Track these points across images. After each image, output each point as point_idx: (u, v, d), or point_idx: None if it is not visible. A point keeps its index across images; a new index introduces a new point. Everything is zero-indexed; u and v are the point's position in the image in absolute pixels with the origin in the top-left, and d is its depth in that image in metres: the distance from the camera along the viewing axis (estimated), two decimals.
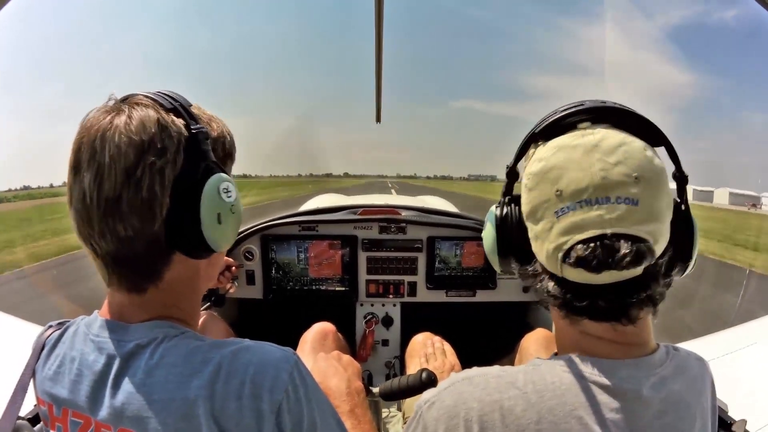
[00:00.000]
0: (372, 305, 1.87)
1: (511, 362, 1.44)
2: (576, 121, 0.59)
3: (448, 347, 1.39)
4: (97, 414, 0.57)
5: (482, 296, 1.84)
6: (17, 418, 0.65)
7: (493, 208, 0.68)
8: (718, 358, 1.36)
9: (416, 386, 0.99)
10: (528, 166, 0.62)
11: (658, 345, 0.62)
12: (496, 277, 1.82)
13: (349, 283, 1.82)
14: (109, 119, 0.56)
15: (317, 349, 1.29)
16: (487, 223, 0.69)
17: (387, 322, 1.86)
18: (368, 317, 1.85)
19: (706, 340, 1.66)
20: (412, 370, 1.12)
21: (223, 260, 0.80)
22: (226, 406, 0.55)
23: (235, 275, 1.65)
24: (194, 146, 0.59)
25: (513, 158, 0.66)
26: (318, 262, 1.80)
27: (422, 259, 1.81)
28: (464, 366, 1.27)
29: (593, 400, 0.55)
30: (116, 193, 0.54)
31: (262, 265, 1.78)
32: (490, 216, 0.68)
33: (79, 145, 0.56)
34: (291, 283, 1.81)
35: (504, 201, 0.67)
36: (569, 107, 0.61)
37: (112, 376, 0.57)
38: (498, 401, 0.57)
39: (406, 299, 1.85)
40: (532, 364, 0.61)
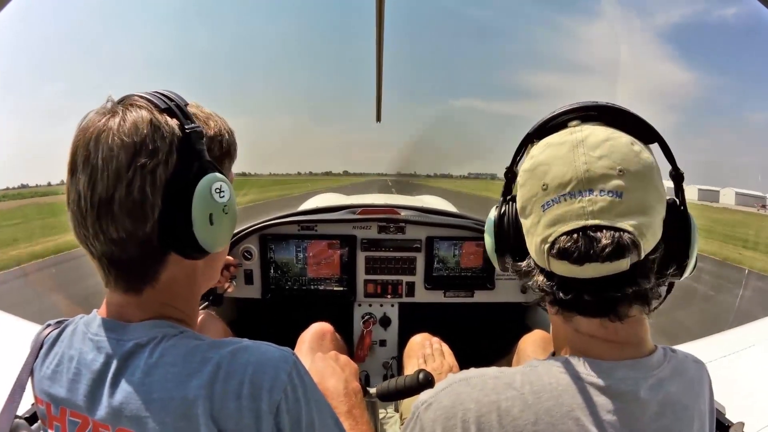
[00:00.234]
0: (370, 305, 1.87)
1: (508, 363, 1.44)
2: (566, 120, 0.61)
3: (446, 348, 1.39)
4: (95, 413, 0.57)
5: (480, 297, 1.84)
6: (14, 417, 0.65)
7: (494, 208, 0.70)
8: (716, 360, 1.37)
9: (413, 387, 0.99)
10: (521, 165, 0.65)
11: (656, 347, 0.62)
12: (495, 278, 1.82)
13: (348, 283, 1.82)
14: (104, 121, 0.56)
15: (315, 349, 1.29)
16: (487, 222, 0.70)
17: (385, 322, 1.86)
18: (366, 317, 1.84)
19: (704, 342, 1.66)
20: (410, 371, 1.12)
21: (223, 260, 0.80)
22: (225, 405, 0.55)
23: (234, 275, 1.65)
24: (188, 146, 0.59)
25: (511, 159, 0.68)
26: (316, 262, 1.80)
27: (421, 259, 1.81)
28: (462, 367, 1.27)
29: (590, 401, 0.55)
30: (108, 195, 0.55)
31: (260, 264, 1.78)
32: (490, 215, 0.70)
33: (75, 147, 0.57)
34: (289, 283, 1.81)
35: (503, 200, 0.69)
36: (562, 108, 0.63)
37: (110, 375, 0.57)
38: (495, 402, 0.57)
39: (404, 299, 1.85)
40: (530, 365, 0.61)
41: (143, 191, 0.55)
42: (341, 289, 1.82)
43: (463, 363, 1.23)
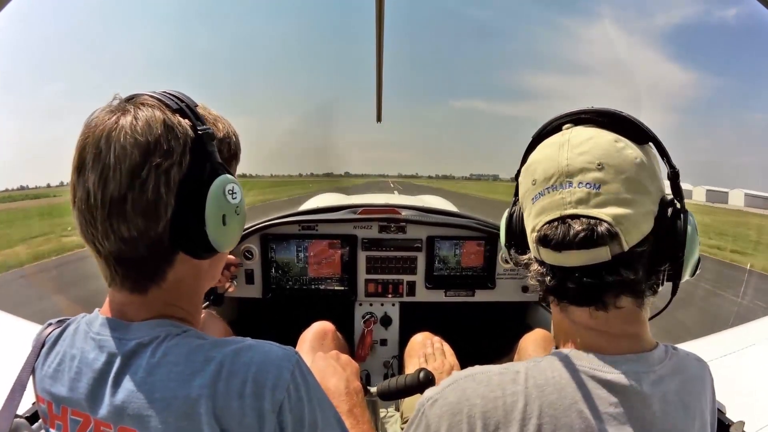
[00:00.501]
0: (371, 305, 1.87)
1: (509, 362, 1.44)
2: (561, 124, 0.66)
3: (447, 348, 1.40)
4: (96, 412, 0.57)
5: (481, 296, 1.84)
6: (15, 416, 0.65)
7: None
8: (717, 359, 1.37)
9: (414, 386, 0.99)
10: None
11: (658, 343, 0.63)
12: (495, 277, 1.82)
13: (348, 282, 1.82)
14: (115, 119, 0.56)
15: (316, 348, 1.29)
16: (502, 219, 0.77)
17: (386, 321, 1.86)
18: (367, 317, 1.84)
19: (705, 341, 1.66)
20: (411, 370, 1.12)
21: (226, 259, 0.80)
22: (227, 405, 0.55)
23: (235, 274, 1.65)
24: (200, 147, 0.59)
25: (520, 162, 0.73)
26: (317, 262, 1.80)
27: (421, 258, 1.81)
28: (463, 366, 1.27)
29: (594, 394, 0.56)
30: (121, 194, 0.54)
31: (261, 264, 1.78)
32: (505, 213, 0.77)
33: (83, 144, 0.56)
34: (290, 283, 1.81)
35: (514, 200, 0.74)
36: (561, 114, 0.68)
37: (112, 375, 0.57)
38: (501, 397, 0.58)
39: (405, 299, 1.85)
40: (533, 361, 0.62)
41: (157, 191, 0.55)
42: (342, 288, 1.82)
43: (464, 362, 1.23)
